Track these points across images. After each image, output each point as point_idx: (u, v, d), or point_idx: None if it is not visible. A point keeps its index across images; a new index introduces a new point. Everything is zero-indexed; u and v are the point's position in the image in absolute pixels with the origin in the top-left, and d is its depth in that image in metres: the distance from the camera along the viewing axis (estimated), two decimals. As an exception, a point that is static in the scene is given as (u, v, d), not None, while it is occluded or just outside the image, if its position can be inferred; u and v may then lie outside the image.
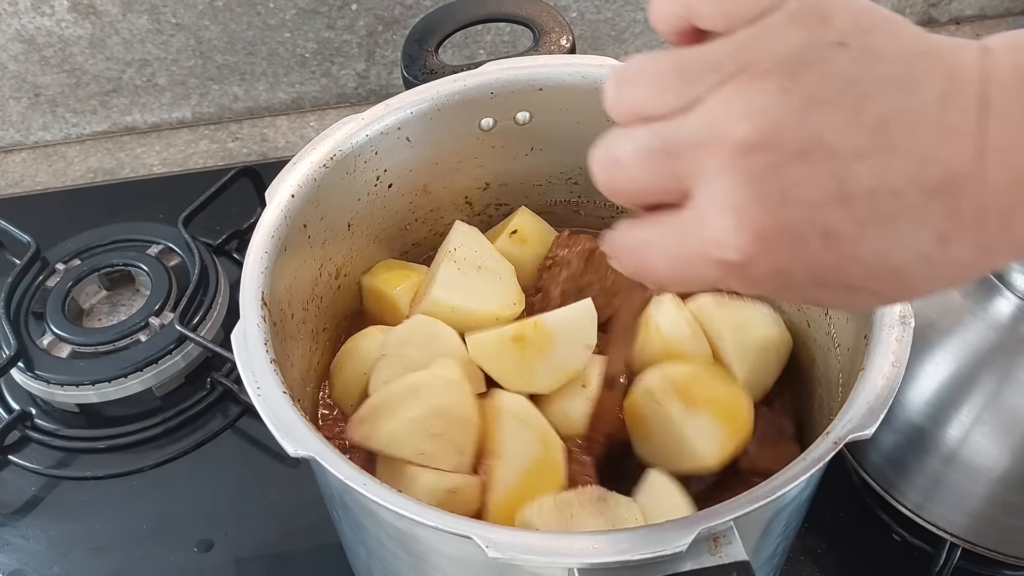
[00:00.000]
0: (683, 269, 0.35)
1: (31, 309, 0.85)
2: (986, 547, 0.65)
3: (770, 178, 0.31)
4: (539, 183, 0.73)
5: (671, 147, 0.33)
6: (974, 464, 0.62)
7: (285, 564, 0.72)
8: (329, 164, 0.62)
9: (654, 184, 0.34)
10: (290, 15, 1.02)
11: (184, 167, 1.05)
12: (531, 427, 0.57)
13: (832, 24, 0.32)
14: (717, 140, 0.32)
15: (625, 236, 0.37)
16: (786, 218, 0.31)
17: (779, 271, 0.33)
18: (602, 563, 0.43)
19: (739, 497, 0.45)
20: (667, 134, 0.34)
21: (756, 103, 0.31)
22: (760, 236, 0.32)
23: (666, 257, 0.35)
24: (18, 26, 0.98)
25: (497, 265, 0.66)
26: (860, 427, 0.48)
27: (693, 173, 0.33)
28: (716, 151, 0.32)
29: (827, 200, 0.31)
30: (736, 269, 0.33)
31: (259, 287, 0.55)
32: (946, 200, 0.31)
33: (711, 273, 0.34)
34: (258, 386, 0.50)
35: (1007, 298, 0.60)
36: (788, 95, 0.31)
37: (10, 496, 0.77)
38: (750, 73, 0.32)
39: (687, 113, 0.33)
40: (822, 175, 0.31)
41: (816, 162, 0.31)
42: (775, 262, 0.32)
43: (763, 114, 0.31)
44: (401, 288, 0.66)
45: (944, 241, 0.32)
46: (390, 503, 0.45)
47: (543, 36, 0.81)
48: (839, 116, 0.31)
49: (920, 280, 0.33)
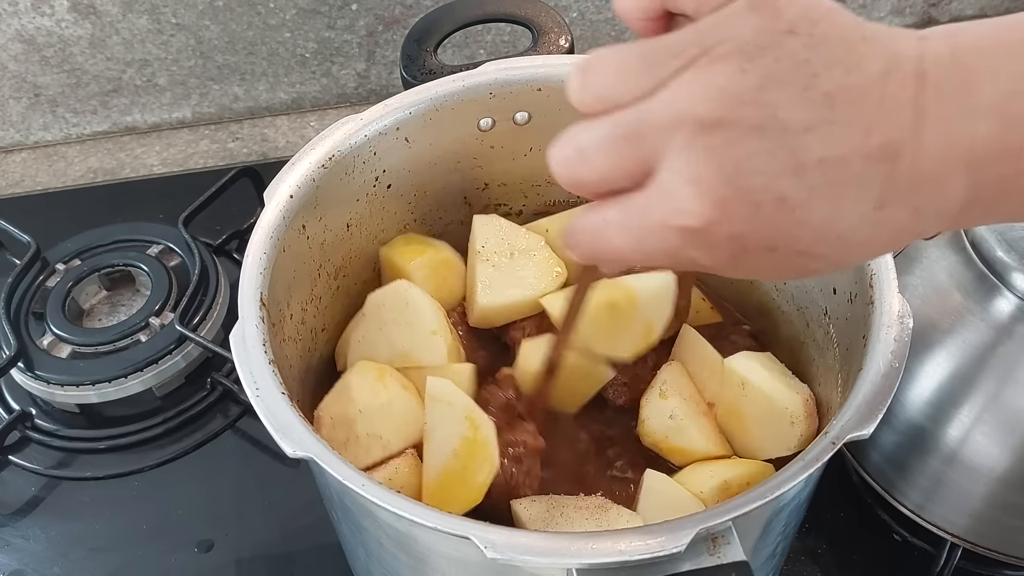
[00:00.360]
0: (644, 241, 0.37)
1: (31, 309, 0.85)
2: (987, 547, 0.65)
3: (728, 151, 0.34)
4: (538, 183, 0.73)
5: (636, 131, 0.35)
6: (974, 464, 0.62)
7: (285, 564, 0.72)
8: (328, 165, 0.62)
9: (618, 170, 0.36)
10: (290, 15, 1.02)
11: (184, 167, 1.05)
12: (455, 407, 0.56)
13: (784, 14, 0.34)
14: (679, 120, 0.34)
15: (585, 219, 0.39)
16: (743, 186, 0.34)
17: (735, 235, 0.35)
18: (601, 563, 0.43)
19: (738, 497, 0.45)
20: (632, 119, 0.36)
21: (716, 83, 0.34)
22: (719, 202, 0.34)
23: (626, 231, 0.37)
24: (18, 26, 0.99)
25: (528, 243, 0.67)
26: (859, 427, 0.48)
27: (656, 153, 0.35)
28: (679, 130, 0.34)
29: (780, 170, 0.34)
30: (696, 235, 0.35)
31: (258, 288, 0.55)
32: (886, 166, 0.34)
33: (672, 242, 0.36)
34: (257, 387, 0.50)
35: (1007, 298, 0.60)
36: (746, 75, 0.34)
37: (10, 496, 0.77)
38: (711, 56, 0.34)
39: (651, 97, 0.35)
40: (776, 147, 0.34)
41: (770, 136, 0.34)
42: (732, 227, 0.35)
43: (723, 93, 0.34)
44: (416, 262, 0.66)
45: (883, 205, 0.35)
46: (389, 504, 0.45)
47: (542, 36, 0.81)
48: (790, 93, 0.34)
49: (861, 243, 0.36)
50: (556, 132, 0.68)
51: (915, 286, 0.64)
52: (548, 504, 0.55)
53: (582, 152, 0.37)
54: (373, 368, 0.61)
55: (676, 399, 0.61)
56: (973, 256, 0.61)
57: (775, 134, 0.34)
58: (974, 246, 0.61)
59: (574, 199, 0.73)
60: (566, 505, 0.56)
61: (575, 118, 0.69)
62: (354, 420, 0.58)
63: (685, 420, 0.60)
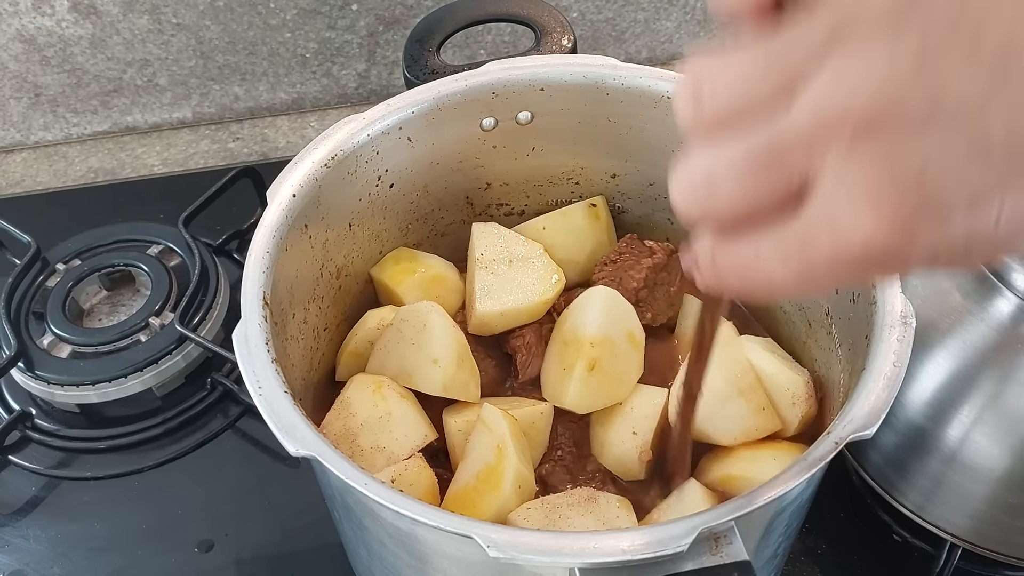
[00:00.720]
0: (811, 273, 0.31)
1: (31, 309, 0.85)
2: (986, 548, 0.65)
3: (901, 152, 0.28)
4: (540, 183, 0.73)
5: (778, 147, 0.30)
6: (975, 464, 0.62)
7: (286, 564, 0.72)
8: (330, 164, 0.62)
9: (762, 196, 0.31)
10: (291, 15, 1.02)
11: (185, 167, 1.05)
12: (492, 435, 0.58)
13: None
14: (831, 125, 0.28)
15: (727, 254, 0.33)
16: (927, 192, 0.28)
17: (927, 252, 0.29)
18: (603, 563, 0.43)
19: (740, 497, 0.45)
20: (770, 133, 0.30)
21: (865, 71, 0.28)
22: (903, 217, 0.28)
23: (788, 264, 0.31)
24: (19, 26, 0.98)
25: (526, 250, 0.67)
26: (861, 427, 0.48)
27: (808, 169, 0.29)
28: (833, 137, 0.28)
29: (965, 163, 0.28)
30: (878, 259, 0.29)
31: (260, 287, 0.55)
32: None
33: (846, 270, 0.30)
34: (260, 386, 0.50)
35: (1007, 298, 0.60)
36: (897, 53, 0.27)
37: (10, 496, 0.77)
38: (848, 40, 0.28)
39: (788, 104, 0.29)
40: (953, 136, 0.27)
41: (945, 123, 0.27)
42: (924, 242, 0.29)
43: (877, 82, 0.28)
44: (406, 285, 0.67)
45: None
46: (391, 503, 0.45)
47: (544, 36, 0.81)
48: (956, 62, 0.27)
49: None
50: (558, 132, 0.70)
51: (915, 286, 0.64)
52: (544, 510, 0.55)
53: (713, 183, 0.31)
54: (370, 381, 0.61)
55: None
56: (974, 256, 0.61)
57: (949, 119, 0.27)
58: (975, 246, 0.61)
59: (575, 199, 0.73)
60: (559, 505, 0.56)
61: (577, 118, 0.70)
62: (356, 434, 0.58)
63: (714, 407, 0.59)
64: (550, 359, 0.64)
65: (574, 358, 0.61)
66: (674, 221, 0.72)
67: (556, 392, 0.62)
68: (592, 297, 0.62)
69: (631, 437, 0.61)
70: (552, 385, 0.63)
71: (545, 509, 0.55)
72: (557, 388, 0.62)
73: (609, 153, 0.70)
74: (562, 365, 0.62)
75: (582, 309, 0.62)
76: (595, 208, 0.72)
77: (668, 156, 0.68)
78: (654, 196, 0.72)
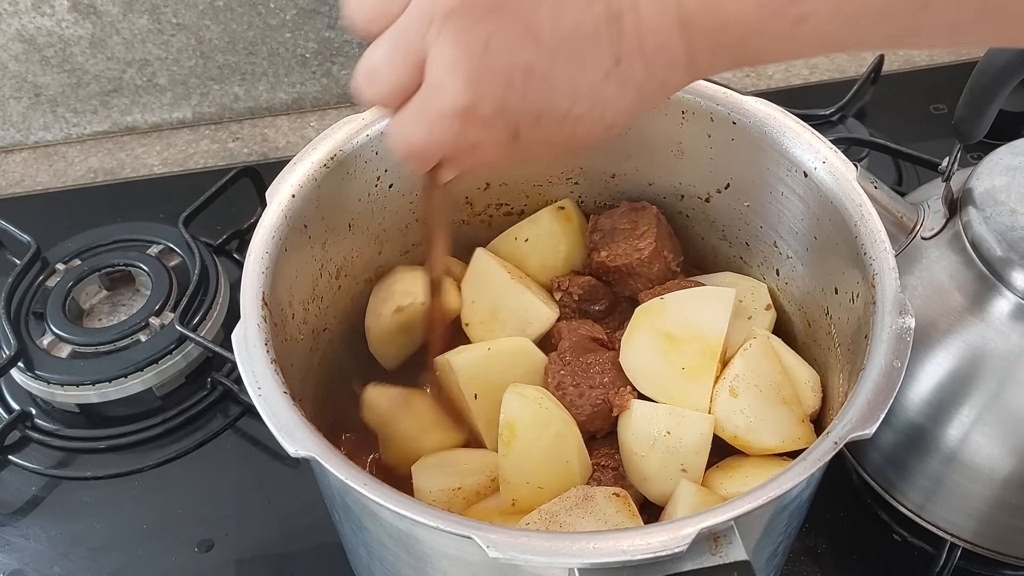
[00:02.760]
0: (433, 130, 0.42)
1: (31, 309, 0.85)
2: (986, 547, 0.65)
3: (471, 33, 0.39)
4: (539, 183, 0.73)
5: (403, 38, 0.41)
6: (974, 464, 0.62)
7: (286, 564, 0.72)
8: (330, 164, 0.62)
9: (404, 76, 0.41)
10: (291, 15, 1.02)
11: (185, 167, 1.05)
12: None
13: None
14: (430, 16, 0.40)
15: (391, 125, 0.44)
16: (490, 63, 0.39)
17: (499, 109, 0.40)
18: (602, 563, 0.43)
19: (740, 497, 0.45)
20: (398, 29, 0.41)
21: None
22: (474, 81, 0.40)
23: (418, 124, 0.42)
24: (18, 26, 0.99)
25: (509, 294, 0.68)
26: (861, 427, 0.48)
27: (423, 52, 0.40)
28: (432, 25, 0.40)
29: (520, 42, 0.39)
30: (466, 115, 0.41)
31: (260, 287, 0.55)
32: (613, 28, 0.39)
33: (453, 126, 0.41)
34: (259, 386, 0.50)
35: (1007, 298, 0.60)
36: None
37: (10, 496, 0.77)
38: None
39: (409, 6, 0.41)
40: (512, 23, 0.39)
41: (506, 14, 0.39)
42: (493, 101, 0.40)
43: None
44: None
45: (619, 61, 0.40)
46: (391, 503, 0.45)
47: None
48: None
49: (614, 99, 0.41)
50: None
51: (915, 286, 0.64)
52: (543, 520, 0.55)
53: (373, 71, 0.43)
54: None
55: (748, 395, 0.59)
56: (973, 256, 0.61)
57: (510, 13, 0.39)
58: (974, 246, 0.61)
59: (575, 198, 0.73)
60: (558, 512, 0.55)
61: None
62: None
63: (755, 419, 0.59)
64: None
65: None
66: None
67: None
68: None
69: None
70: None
71: (544, 520, 0.55)
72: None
73: (609, 153, 0.70)
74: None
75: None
76: (564, 210, 0.71)
77: (668, 156, 0.68)
78: (654, 196, 0.72)
